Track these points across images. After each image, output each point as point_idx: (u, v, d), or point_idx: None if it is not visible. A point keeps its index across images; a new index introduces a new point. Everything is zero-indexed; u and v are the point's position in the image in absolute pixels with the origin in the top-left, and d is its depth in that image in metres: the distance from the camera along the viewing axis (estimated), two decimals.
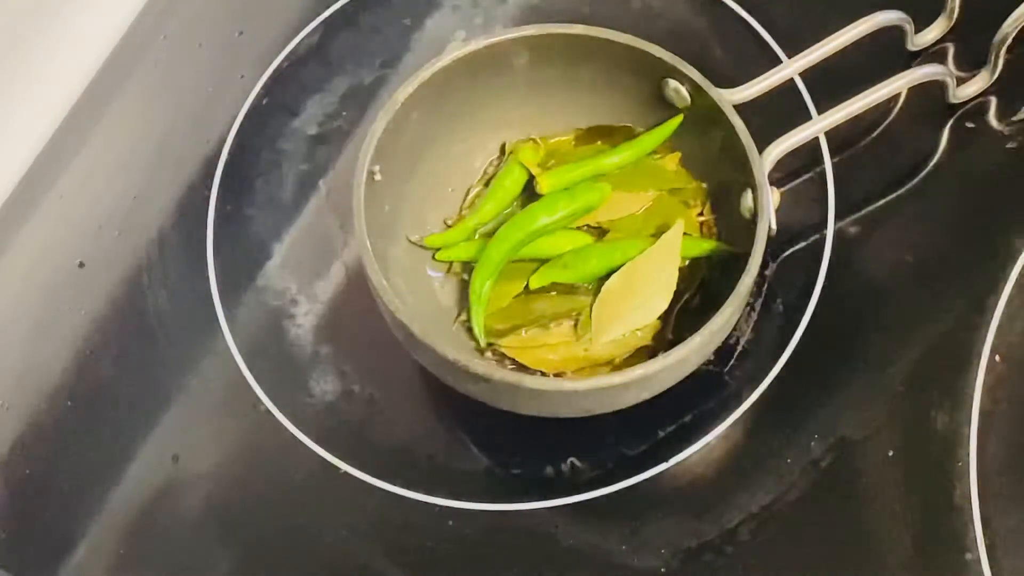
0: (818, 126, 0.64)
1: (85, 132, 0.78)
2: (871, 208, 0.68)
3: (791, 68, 0.65)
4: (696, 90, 0.63)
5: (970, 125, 0.69)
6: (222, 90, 0.77)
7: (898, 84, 0.64)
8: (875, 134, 0.70)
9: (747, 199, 0.61)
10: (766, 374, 0.64)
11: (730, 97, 0.63)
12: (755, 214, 0.59)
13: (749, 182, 0.60)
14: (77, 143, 0.77)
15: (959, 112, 0.70)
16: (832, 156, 0.69)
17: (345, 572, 0.63)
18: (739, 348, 0.64)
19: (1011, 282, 0.64)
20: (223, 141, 0.75)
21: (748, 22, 0.74)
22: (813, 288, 0.65)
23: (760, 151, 0.61)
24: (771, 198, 0.60)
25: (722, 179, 0.64)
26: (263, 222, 0.72)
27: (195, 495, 0.65)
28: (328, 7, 0.79)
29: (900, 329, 0.64)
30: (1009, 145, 0.68)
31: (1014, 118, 0.68)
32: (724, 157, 0.63)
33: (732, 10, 0.75)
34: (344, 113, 0.75)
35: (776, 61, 0.71)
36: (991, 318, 0.63)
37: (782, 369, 0.64)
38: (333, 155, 0.74)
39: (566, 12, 0.76)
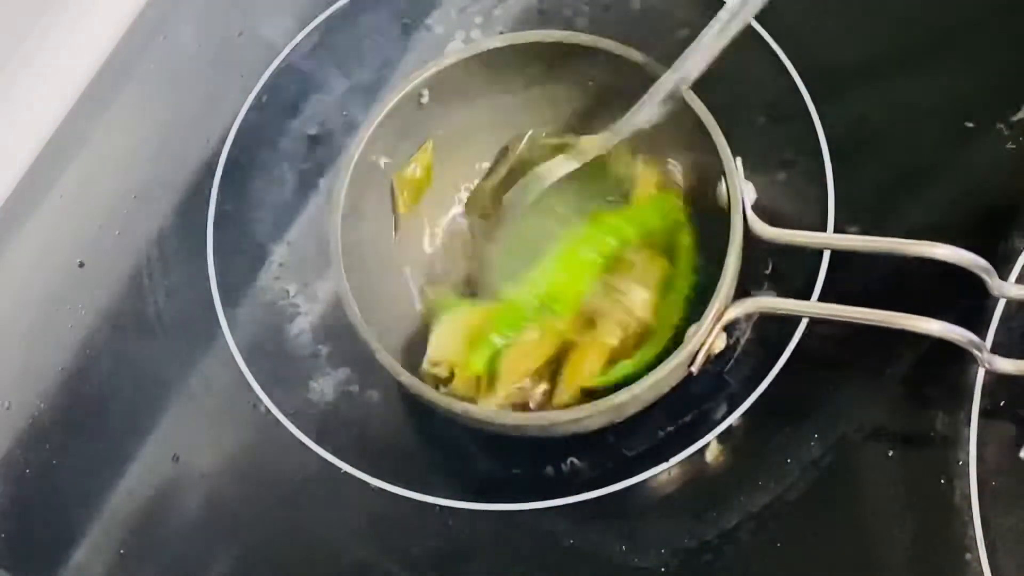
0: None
1: (85, 132, 0.78)
2: (871, 208, 0.68)
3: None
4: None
5: (969, 125, 0.69)
6: (222, 90, 0.77)
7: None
8: (875, 134, 0.70)
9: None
10: (766, 374, 0.64)
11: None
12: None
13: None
14: (77, 143, 0.77)
15: (959, 112, 0.70)
16: (832, 156, 0.69)
17: (345, 572, 0.63)
18: (739, 348, 0.64)
19: (1011, 282, 0.64)
20: (223, 141, 0.75)
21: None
22: (813, 288, 0.65)
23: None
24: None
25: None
26: (263, 222, 0.73)
27: (195, 495, 0.65)
28: (328, 7, 0.79)
29: (900, 329, 0.64)
30: (1009, 145, 0.68)
31: (1014, 118, 0.68)
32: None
33: None
34: (344, 113, 0.75)
35: (776, 60, 0.71)
36: (991, 318, 0.63)
37: (782, 369, 0.64)
38: (333, 155, 0.74)
39: (565, 11, 0.76)
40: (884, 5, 0.73)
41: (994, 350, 0.60)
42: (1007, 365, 0.59)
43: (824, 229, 0.67)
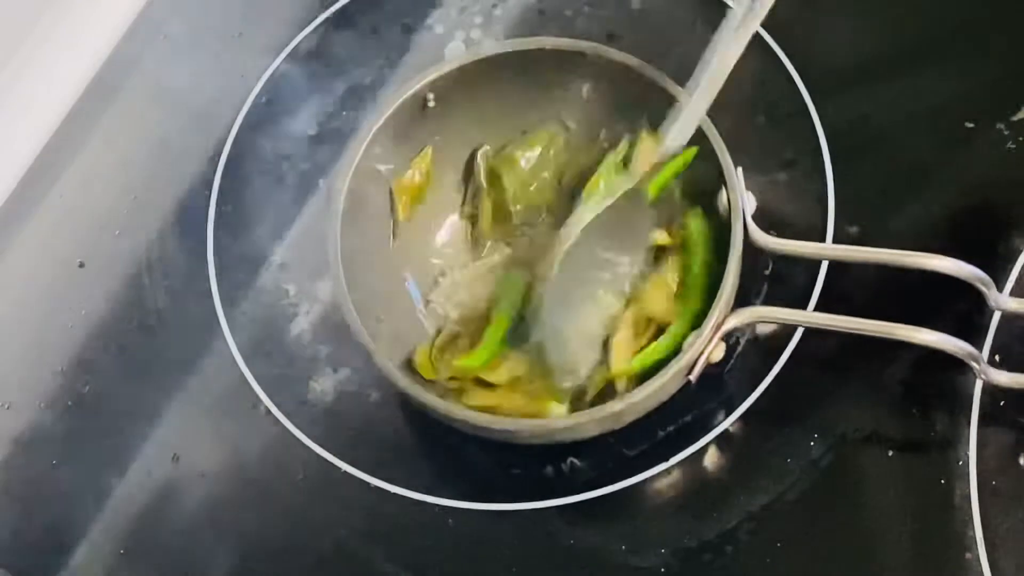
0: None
1: (85, 132, 0.78)
2: (871, 207, 0.68)
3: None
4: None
5: (970, 125, 0.69)
6: (222, 90, 0.77)
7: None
8: (875, 134, 0.70)
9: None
10: (766, 374, 0.64)
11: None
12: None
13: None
14: (77, 143, 0.77)
15: (959, 112, 0.70)
16: (832, 156, 0.69)
17: (345, 572, 0.63)
18: (739, 348, 0.64)
19: (1011, 282, 0.64)
20: (223, 141, 0.75)
21: None
22: (813, 288, 0.65)
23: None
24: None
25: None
26: (263, 222, 0.73)
27: (195, 495, 0.65)
28: (328, 7, 0.79)
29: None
30: (1009, 145, 0.68)
31: (1014, 118, 0.68)
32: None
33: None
34: (344, 113, 0.75)
35: (776, 60, 0.71)
36: (991, 318, 0.63)
37: (782, 369, 0.64)
38: (333, 155, 0.74)
39: (565, 11, 0.76)
40: (884, 5, 0.73)
41: (993, 355, 0.61)
42: (1003, 378, 0.60)
43: (824, 228, 0.67)
